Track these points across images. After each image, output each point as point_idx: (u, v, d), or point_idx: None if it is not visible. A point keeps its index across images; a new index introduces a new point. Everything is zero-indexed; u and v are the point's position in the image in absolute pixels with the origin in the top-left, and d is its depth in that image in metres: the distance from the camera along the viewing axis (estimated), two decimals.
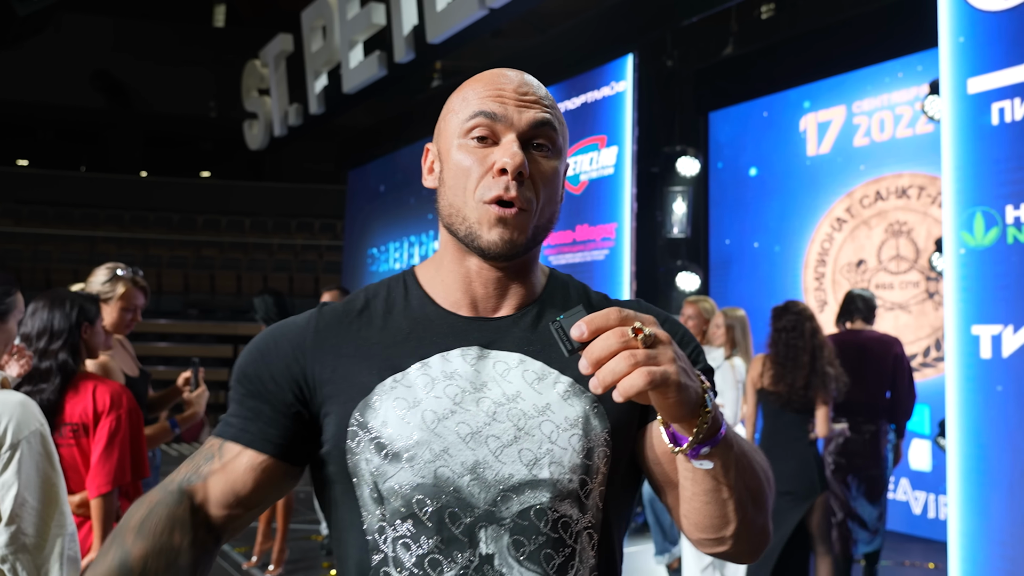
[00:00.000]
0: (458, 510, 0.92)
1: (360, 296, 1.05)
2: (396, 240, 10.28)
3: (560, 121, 1.01)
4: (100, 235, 16.28)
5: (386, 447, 0.93)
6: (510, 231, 0.95)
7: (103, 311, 2.94)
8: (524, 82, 1.00)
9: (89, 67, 16.82)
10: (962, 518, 3.57)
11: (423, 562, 0.92)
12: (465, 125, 0.97)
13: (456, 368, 0.97)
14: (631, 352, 0.75)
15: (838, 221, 6.56)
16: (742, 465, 0.90)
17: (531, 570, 0.92)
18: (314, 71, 8.36)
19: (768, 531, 0.97)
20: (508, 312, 1.02)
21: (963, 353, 3.62)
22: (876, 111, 6.31)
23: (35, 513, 1.71)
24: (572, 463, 0.94)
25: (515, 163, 0.94)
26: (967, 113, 3.71)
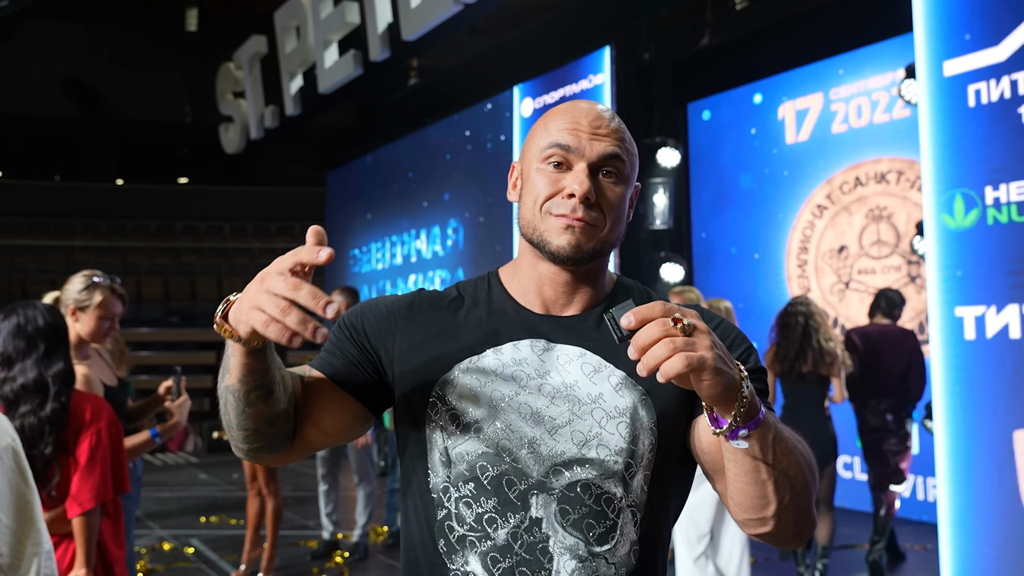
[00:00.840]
0: (514, 477, 1.07)
1: (453, 289, 1.21)
2: (378, 240, 10.21)
3: (630, 151, 1.14)
4: (77, 245, 16.07)
5: (459, 418, 1.09)
6: (576, 237, 1.09)
7: (80, 319, 2.88)
8: (598, 115, 1.13)
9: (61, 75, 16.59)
10: (951, 499, 3.59)
11: (481, 519, 1.07)
12: (544, 152, 1.12)
13: (524, 356, 1.11)
14: (671, 339, 0.87)
15: (819, 208, 6.59)
16: (781, 450, 0.98)
17: (574, 536, 1.06)
18: (289, 72, 8.28)
19: (812, 518, 1.06)
20: (575, 312, 1.15)
21: (947, 335, 3.63)
22: (853, 97, 6.33)
23: (9, 532, 1.65)
24: (618, 447, 1.07)
25: (583, 190, 1.08)
26: (944, 96, 3.72)
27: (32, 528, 1.68)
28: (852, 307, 6.33)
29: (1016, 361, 3.42)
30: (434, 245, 8.95)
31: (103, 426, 2.39)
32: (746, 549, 3.85)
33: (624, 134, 1.14)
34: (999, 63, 3.54)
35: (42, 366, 2.34)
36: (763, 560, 4.91)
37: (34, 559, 1.67)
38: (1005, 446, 3.43)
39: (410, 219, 9.40)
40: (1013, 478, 3.39)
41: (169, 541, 5.79)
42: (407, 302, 1.18)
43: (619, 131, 1.14)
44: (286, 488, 7.05)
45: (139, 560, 5.14)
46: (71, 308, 2.88)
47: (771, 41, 6.65)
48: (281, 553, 5.01)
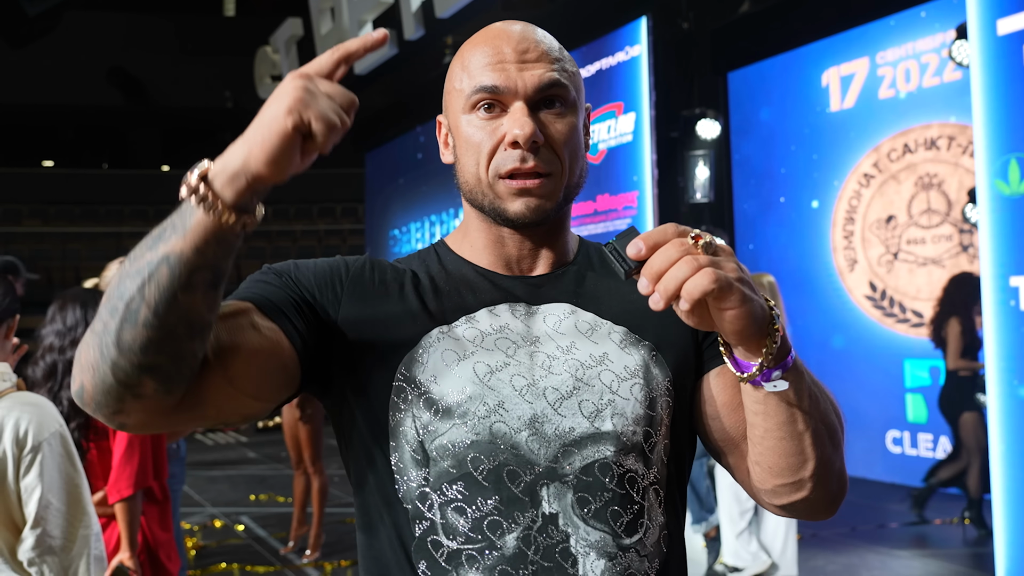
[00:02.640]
0: (517, 468, 0.86)
1: (396, 264, 0.99)
2: (417, 220, 10.25)
3: (571, 71, 0.94)
4: (126, 231, 16.49)
5: (436, 402, 0.88)
6: (536, 199, 0.91)
7: None
8: (524, 38, 0.93)
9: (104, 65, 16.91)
10: (1004, 473, 3.48)
11: (481, 525, 0.86)
12: (469, 100, 0.92)
13: (505, 322, 0.92)
14: (693, 256, 0.71)
15: (865, 177, 6.40)
16: (815, 395, 0.84)
17: (598, 529, 0.87)
18: None
19: (845, 476, 0.90)
20: (544, 271, 0.97)
21: (1001, 305, 3.51)
22: (900, 61, 6.11)
23: (60, 515, 1.69)
24: (636, 414, 0.90)
25: (526, 134, 0.89)
26: (998, 56, 3.56)
27: (82, 511, 1.74)
28: (901, 278, 6.16)
29: None
30: None
31: None
32: (792, 525, 3.80)
33: (559, 52, 0.94)
34: None
35: None
36: (809, 536, 4.85)
37: (84, 540, 1.72)
38: None
39: (448, 198, 9.40)
40: None
41: (220, 519, 5.94)
42: (357, 264, 0.96)
43: (551, 50, 0.93)
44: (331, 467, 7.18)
45: (191, 537, 5.29)
46: None
47: (813, 5, 6.45)
48: (328, 530, 5.10)
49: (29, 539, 1.66)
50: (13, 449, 1.66)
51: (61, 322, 2.45)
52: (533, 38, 0.93)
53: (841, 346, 6.34)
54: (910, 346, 6.07)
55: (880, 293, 6.29)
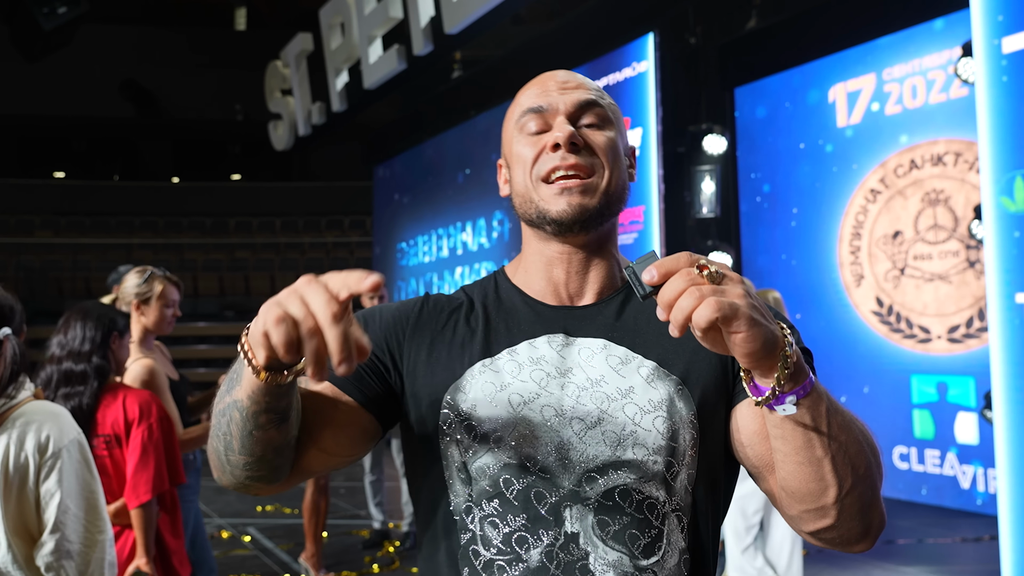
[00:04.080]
0: (543, 489, 0.95)
1: (460, 293, 1.10)
2: (425, 233, 10.29)
3: (607, 100, 1.06)
4: (136, 242, 16.58)
5: (475, 428, 0.97)
6: (576, 196, 0.99)
7: (144, 312, 2.98)
8: (566, 74, 1.07)
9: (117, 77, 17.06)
10: (1012, 491, 3.47)
11: (510, 540, 0.95)
12: (518, 123, 1.04)
13: (542, 354, 1.00)
14: (698, 287, 0.76)
15: (872, 192, 6.41)
16: (837, 423, 0.86)
17: (616, 550, 0.94)
18: (335, 68, 8.38)
19: (882, 512, 0.92)
20: (591, 300, 1.05)
21: (1007, 322, 3.51)
22: (907, 77, 6.14)
23: (78, 520, 1.73)
24: (656, 445, 0.96)
25: (565, 135, 0.99)
26: (1003, 74, 3.58)
27: (98, 516, 1.78)
28: (907, 294, 6.16)
29: None
30: (480, 237, 8.98)
31: (154, 421, 2.48)
32: (797, 540, 3.79)
33: (595, 85, 1.08)
34: None
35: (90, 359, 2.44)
36: (816, 552, 4.83)
37: (100, 545, 1.76)
38: None
39: (456, 211, 9.45)
40: None
41: (227, 529, 5.96)
42: (415, 308, 1.07)
43: (588, 83, 1.07)
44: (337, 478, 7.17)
45: None
46: (135, 303, 2.97)
47: (820, 21, 6.48)
48: (333, 542, 5.11)
49: (48, 544, 1.70)
50: (35, 456, 1.71)
51: (63, 334, 2.49)
52: (574, 75, 1.07)
53: (848, 361, 6.33)
54: (917, 362, 6.06)
55: (887, 308, 6.28)
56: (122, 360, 2.56)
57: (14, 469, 1.69)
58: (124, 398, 2.48)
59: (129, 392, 2.51)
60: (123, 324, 2.55)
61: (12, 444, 1.70)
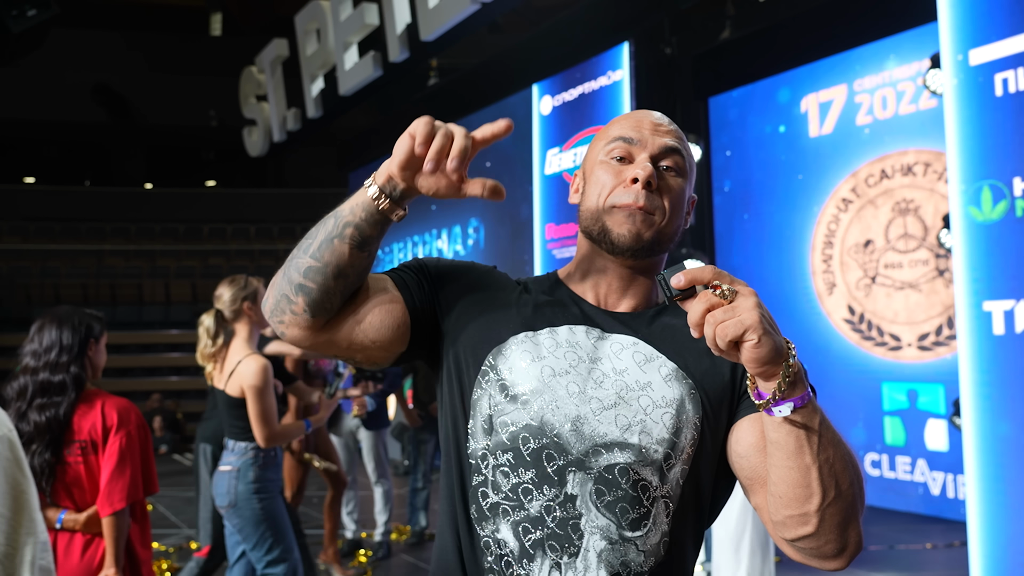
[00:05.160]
0: (554, 452, 1.07)
1: (522, 280, 1.25)
2: (400, 240, 10.25)
3: (688, 152, 1.19)
4: (107, 248, 16.35)
5: (508, 388, 1.10)
6: (637, 226, 1.12)
7: (254, 310, 3.19)
8: (659, 117, 1.20)
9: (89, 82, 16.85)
10: (980, 497, 3.51)
11: (517, 489, 1.07)
12: (607, 148, 1.17)
13: (579, 340, 1.13)
14: (712, 314, 0.90)
15: (844, 202, 6.49)
16: (828, 438, 0.97)
17: (606, 517, 1.06)
18: (310, 75, 8.33)
19: (860, 533, 1.02)
20: (627, 309, 1.18)
21: (975, 330, 3.56)
22: (878, 88, 6.23)
23: (4, 520, 1.67)
24: (659, 436, 1.08)
25: (646, 174, 1.12)
26: (970, 85, 3.64)
27: (27, 518, 1.70)
28: (878, 302, 6.23)
29: None
30: (455, 244, 8.96)
31: (132, 429, 2.45)
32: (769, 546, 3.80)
33: (683, 136, 1.20)
34: None
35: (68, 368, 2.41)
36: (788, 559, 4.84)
37: (28, 548, 1.68)
38: None
39: (431, 219, 9.42)
40: None
41: (196, 540, 5.86)
42: (482, 270, 1.22)
43: (678, 132, 1.20)
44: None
45: (166, 559, 5.20)
46: (246, 305, 3.19)
47: (793, 33, 6.56)
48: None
49: None
50: None
51: (38, 343, 2.44)
52: (666, 120, 1.20)
53: (820, 369, 6.39)
54: (888, 369, 6.13)
55: (858, 316, 6.35)
56: (99, 365, 2.53)
57: None
58: (103, 404, 2.45)
59: (108, 399, 2.48)
60: (99, 330, 2.51)
61: None
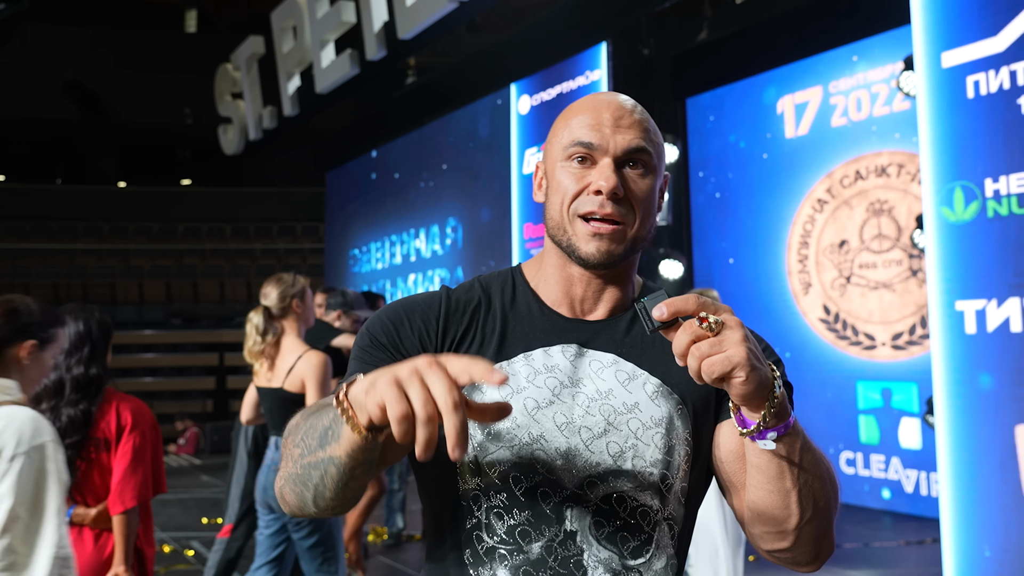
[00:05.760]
0: (549, 489, 1.02)
1: (476, 287, 1.14)
2: (377, 240, 10.20)
3: (655, 141, 1.09)
4: (79, 248, 16.10)
5: (488, 426, 1.03)
6: (606, 243, 1.05)
7: (300, 308, 3.25)
8: (619, 107, 1.08)
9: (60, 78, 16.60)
10: (953, 494, 3.55)
11: (514, 532, 1.03)
12: (567, 151, 1.08)
13: (556, 363, 1.07)
14: (697, 347, 0.86)
15: (819, 202, 6.54)
16: (808, 460, 0.96)
17: (608, 549, 1.02)
18: (286, 72, 8.26)
19: (832, 540, 1.03)
20: (603, 316, 1.11)
21: (948, 329, 3.60)
22: (852, 90, 6.29)
23: (28, 530, 1.69)
24: (653, 458, 1.04)
25: (609, 186, 1.04)
26: (942, 88, 3.68)
27: (51, 529, 1.72)
28: (853, 302, 6.29)
29: (1017, 355, 3.38)
30: (433, 244, 8.93)
31: (147, 428, 2.50)
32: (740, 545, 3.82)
33: (648, 124, 1.09)
34: (997, 54, 3.50)
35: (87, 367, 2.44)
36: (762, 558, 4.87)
37: (48, 560, 1.69)
38: (1006, 441, 3.39)
39: (409, 218, 9.38)
40: (1015, 473, 3.36)
41: (169, 543, 5.78)
42: (443, 307, 1.11)
43: (643, 121, 1.08)
44: None
45: None
46: (294, 303, 3.25)
47: (770, 35, 6.61)
48: None
49: None
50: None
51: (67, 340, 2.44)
52: (628, 108, 1.09)
53: (796, 368, 6.44)
54: (862, 368, 6.19)
55: (833, 316, 6.41)
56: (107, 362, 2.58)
57: None
58: (117, 404, 2.48)
59: (122, 398, 2.51)
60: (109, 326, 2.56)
61: None
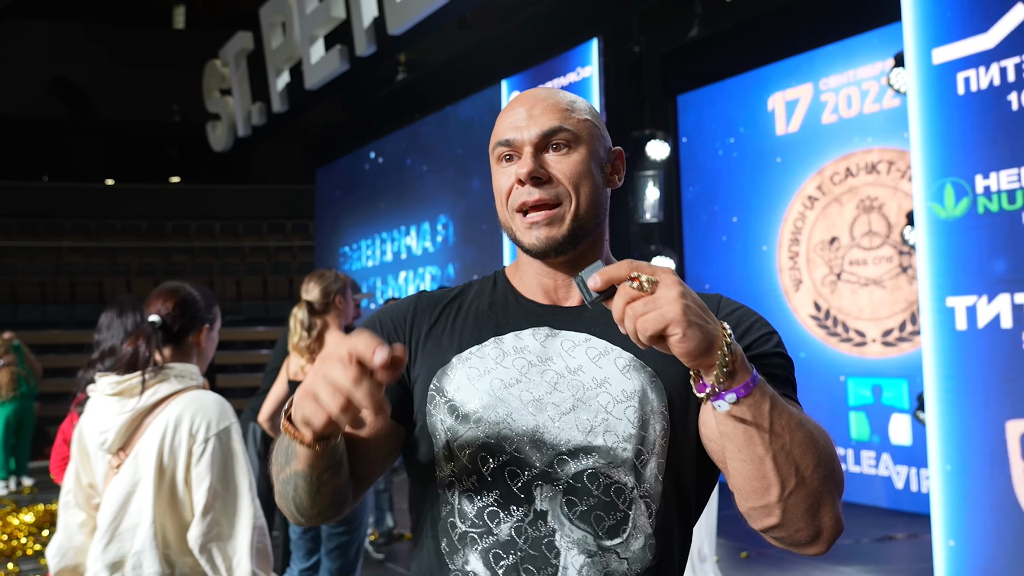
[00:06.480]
0: (517, 468, 1.01)
1: (456, 288, 1.18)
2: (368, 237, 10.15)
3: (576, 118, 1.09)
4: (66, 245, 15.97)
5: (457, 409, 1.04)
6: (544, 230, 1.06)
7: (342, 304, 3.32)
8: (535, 99, 1.10)
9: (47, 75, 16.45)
10: (943, 490, 3.56)
11: (483, 513, 1.01)
12: (495, 153, 1.11)
13: (526, 344, 1.07)
14: (631, 307, 0.85)
15: (810, 199, 6.55)
16: (782, 423, 0.90)
17: (582, 529, 0.99)
18: (275, 68, 8.21)
19: (834, 516, 0.95)
20: (578, 301, 1.12)
21: (938, 326, 3.60)
22: (843, 87, 6.30)
23: (227, 505, 1.83)
24: (626, 433, 1.01)
25: (526, 171, 1.05)
26: (933, 84, 3.68)
27: (246, 503, 1.85)
28: (844, 298, 6.31)
29: (1008, 351, 3.39)
30: (424, 241, 8.90)
31: None
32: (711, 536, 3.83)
33: (565, 104, 1.10)
34: (988, 50, 3.50)
35: None
36: (756, 555, 4.89)
37: (247, 531, 1.84)
38: (997, 437, 3.40)
39: (400, 215, 9.34)
40: (1006, 469, 3.37)
41: None
42: (411, 307, 1.15)
43: (558, 104, 1.09)
44: None
45: None
46: (337, 299, 3.31)
47: (760, 32, 6.61)
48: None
49: (199, 526, 1.80)
50: (188, 440, 1.82)
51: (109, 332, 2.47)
52: (543, 97, 1.10)
53: None
54: (853, 364, 6.20)
55: (824, 313, 6.42)
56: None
57: (168, 453, 1.81)
58: None
59: None
60: None
61: (168, 428, 1.82)
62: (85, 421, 2.00)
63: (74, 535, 1.98)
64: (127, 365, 1.94)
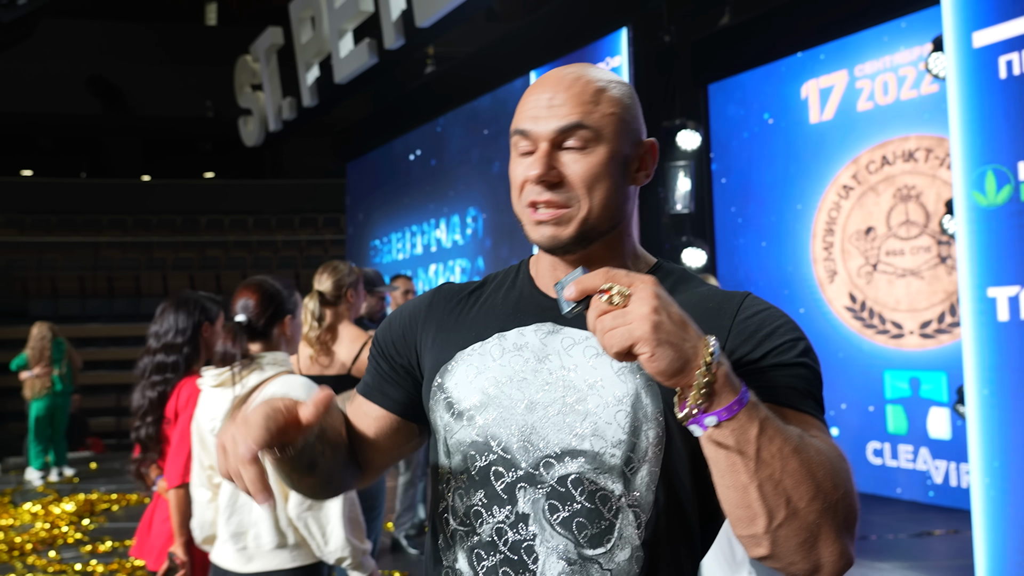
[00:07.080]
0: (502, 468, 0.99)
1: (479, 279, 1.17)
2: (398, 231, 10.19)
3: (604, 112, 1.01)
4: (104, 241, 16.26)
5: (454, 406, 1.04)
6: (551, 229, 1.01)
7: (353, 297, 3.34)
8: (557, 85, 1.02)
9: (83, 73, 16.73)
10: (984, 485, 3.47)
11: (469, 513, 1.01)
12: (512, 140, 1.06)
13: (527, 341, 1.04)
14: (600, 320, 0.81)
15: (845, 188, 6.43)
16: (772, 451, 0.81)
17: (563, 535, 0.95)
18: (305, 63, 8.25)
19: (838, 548, 0.84)
20: None
21: (980, 317, 3.51)
22: (879, 74, 6.16)
23: None
24: (615, 439, 0.96)
25: (535, 173, 1.00)
26: (973, 68, 3.58)
27: None
28: (880, 290, 6.18)
29: None
30: (454, 234, 8.90)
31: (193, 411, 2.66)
32: None
33: (592, 93, 1.01)
34: None
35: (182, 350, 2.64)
36: None
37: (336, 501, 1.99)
38: None
39: (430, 208, 9.36)
40: None
41: None
42: (427, 302, 1.15)
43: (581, 94, 1.00)
44: None
45: None
46: (349, 292, 3.32)
47: (792, 18, 6.48)
48: None
49: (294, 499, 2.00)
50: None
51: (160, 325, 2.68)
52: (570, 84, 1.01)
53: (822, 357, 6.31)
54: (890, 357, 6.08)
55: (860, 304, 6.30)
56: (212, 346, 2.67)
57: None
58: (181, 385, 2.61)
59: (185, 380, 2.63)
60: (215, 312, 2.70)
61: None
62: (200, 410, 2.25)
63: (205, 511, 2.24)
64: (221, 360, 2.15)
